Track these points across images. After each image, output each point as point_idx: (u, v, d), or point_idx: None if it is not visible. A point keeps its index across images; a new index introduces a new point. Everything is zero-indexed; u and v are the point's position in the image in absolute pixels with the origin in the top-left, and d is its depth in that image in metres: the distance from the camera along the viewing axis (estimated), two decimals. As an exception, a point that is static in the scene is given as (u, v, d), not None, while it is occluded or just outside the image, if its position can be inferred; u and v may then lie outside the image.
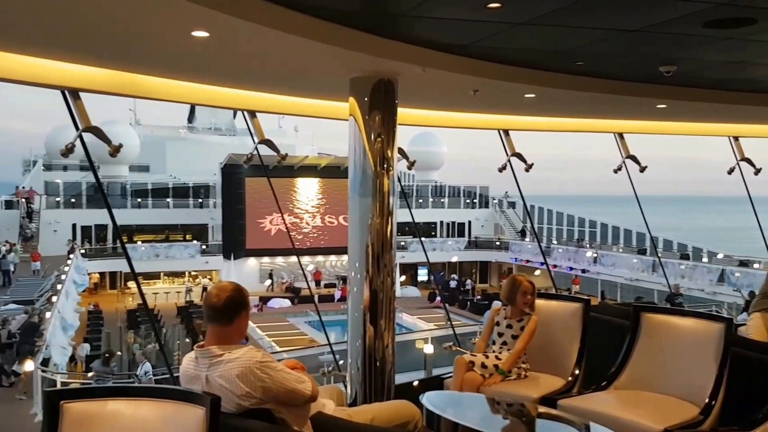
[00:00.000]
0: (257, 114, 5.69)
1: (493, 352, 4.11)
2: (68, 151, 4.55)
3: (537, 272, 35.31)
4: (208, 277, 39.41)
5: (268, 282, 37.54)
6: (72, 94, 4.60)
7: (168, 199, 40.98)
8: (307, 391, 2.78)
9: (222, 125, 50.07)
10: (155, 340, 22.83)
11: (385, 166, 4.43)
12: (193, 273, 39.20)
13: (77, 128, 4.64)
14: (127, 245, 37.08)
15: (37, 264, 31.40)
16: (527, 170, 6.94)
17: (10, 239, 34.25)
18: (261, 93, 5.24)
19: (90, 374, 13.72)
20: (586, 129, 7.26)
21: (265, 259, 38.83)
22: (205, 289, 36.51)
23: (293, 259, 38.67)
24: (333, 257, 39.31)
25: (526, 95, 5.17)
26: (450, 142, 54.90)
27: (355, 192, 4.48)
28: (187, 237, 40.72)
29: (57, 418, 2.43)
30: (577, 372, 3.88)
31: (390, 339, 4.46)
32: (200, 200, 42.02)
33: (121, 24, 3.35)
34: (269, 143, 5.60)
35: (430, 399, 3.30)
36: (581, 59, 4.45)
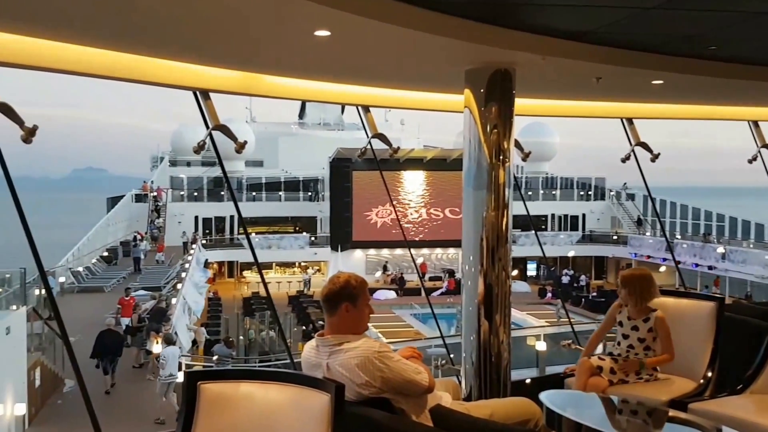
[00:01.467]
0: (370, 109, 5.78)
1: (619, 355, 3.87)
2: (200, 148, 4.81)
3: (662, 269, 33.63)
4: (317, 267, 40.64)
5: (379, 273, 38.11)
6: (203, 95, 4.86)
7: (280, 193, 42.67)
8: (424, 382, 2.80)
9: (331, 120, 51.43)
10: (269, 327, 23.91)
11: (501, 157, 4.37)
12: (302, 264, 40.57)
13: (207, 127, 4.90)
14: (241, 236, 39.14)
15: (161, 255, 33.62)
16: (653, 160, 6.54)
17: (140, 230, 37.19)
18: (374, 88, 5.32)
19: (215, 358, 14.52)
20: (717, 117, 6.80)
21: (371, 251, 39.50)
22: (308, 280, 37.83)
23: (398, 251, 39.15)
24: (438, 250, 39.34)
25: (654, 81, 4.92)
26: (562, 132, 53.09)
27: (469, 185, 4.45)
28: (297, 229, 42.16)
29: (195, 397, 2.58)
30: (709, 374, 3.66)
31: (505, 335, 4.41)
32: (310, 193, 43.39)
33: (249, 28, 3.50)
34: (382, 137, 5.69)
35: (550, 397, 3.23)
36: (714, 43, 4.18)
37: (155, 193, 41.71)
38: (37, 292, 19.88)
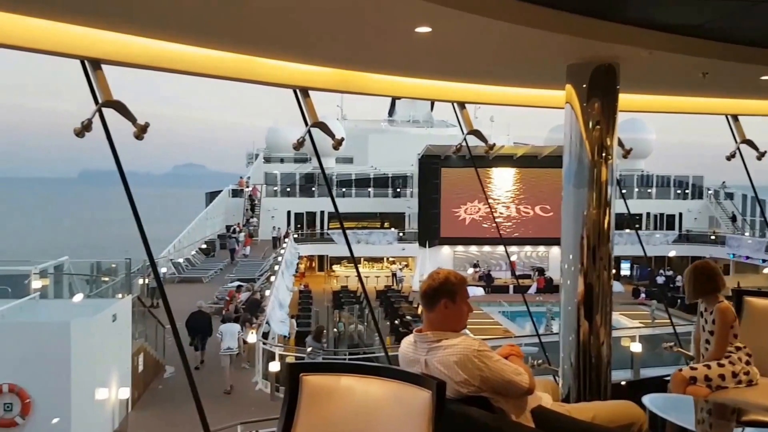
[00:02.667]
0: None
1: (707, 350, 3.65)
2: (299, 144, 4.92)
3: (766, 270, 31.63)
4: (405, 263, 40.92)
5: (472, 270, 37.99)
6: (302, 93, 4.97)
7: (369, 189, 43.26)
8: (525, 383, 2.73)
9: (420, 117, 51.60)
10: (358, 320, 24.27)
11: (604, 155, 4.24)
12: (390, 259, 40.94)
13: (306, 124, 5.01)
14: (331, 231, 40.01)
15: (247, 249, 34.93)
16: (759, 158, 6.19)
17: (238, 222, 38.99)
18: (471, 84, 5.27)
19: (309, 349, 14.89)
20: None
21: (459, 248, 39.35)
22: (394, 275, 38.16)
23: (486, 248, 38.85)
24: (528, 248, 38.69)
25: (762, 77, 4.63)
26: (658, 129, 50.74)
27: (570, 182, 4.34)
28: (385, 225, 42.57)
29: (297, 388, 2.60)
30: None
31: (606, 336, 4.27)
32: (398, 190, 43.71)
33: (351, 26, 3.55)
34: (477, 134, 5.63)
35: (653, 401, 3.10)
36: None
37: (250, 189, 43.37)
38: (140, 281, 21.11)
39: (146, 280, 21.25)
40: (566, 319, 4.35)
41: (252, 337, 16.49)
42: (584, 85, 4.22)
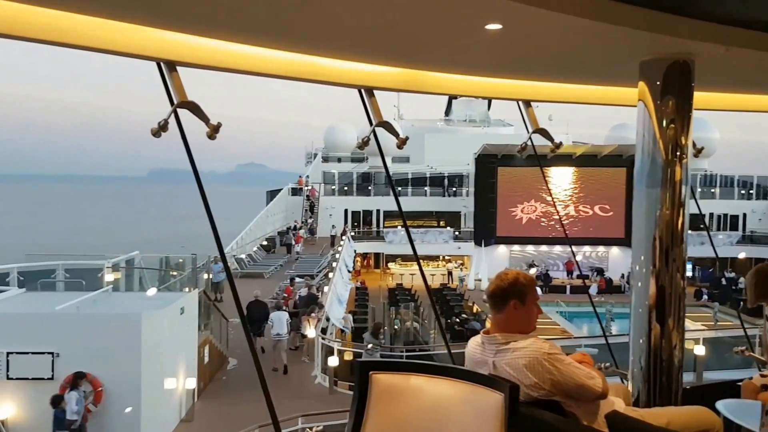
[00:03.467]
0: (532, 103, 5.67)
1: None
2: (364, 144, 4.96)
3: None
4: (460, 262, 40.82)
5: (533, 270, 37.71)
6: (367, 93, 5.01)
7: (425, 188, 43.40)
8: (598, 387, 2.68)
9: (476, 117, 51.39)
10: (414, 317, 24.30)
11: (678, 154, 4.12)
12: (446, 257, 40.89)
13: (371, 124, 5.06)
14: (387, 229, 40.29)
15: (298, 246, 35.52)
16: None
17: (296, 220, 39.72)
18: (538, 82, 5.21)
19: (369, 346, 15.04)
20: None
21: (515, 247, 39.07)
22: (450, 273, 38.07)
23: (543, 247, 38.44)
24: (587, 248, 38.01)
25: (843, 72, 4.41)
26: (722, 127, 49.22)
27: (642, 182, 4.23)
28: (441, 223, 42.57)
29: (367, 386, 2.61)
30: None
31: (678, 339, 4.16)
32: (454, 189, 43.72)
33: (419, 24, 3.56)
34: (544, 132, 5.55)
35: (727, 407, 3.01)
36: None
37: (309, 188, 44.16)
38: (205, 276, 21.70)
39: (210, 275, 21.83)
40: (637, 321, 4.26)
41: (311, 332, 16.76)
42: (658, 83, 4.12)
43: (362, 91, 5.10)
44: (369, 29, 3.73)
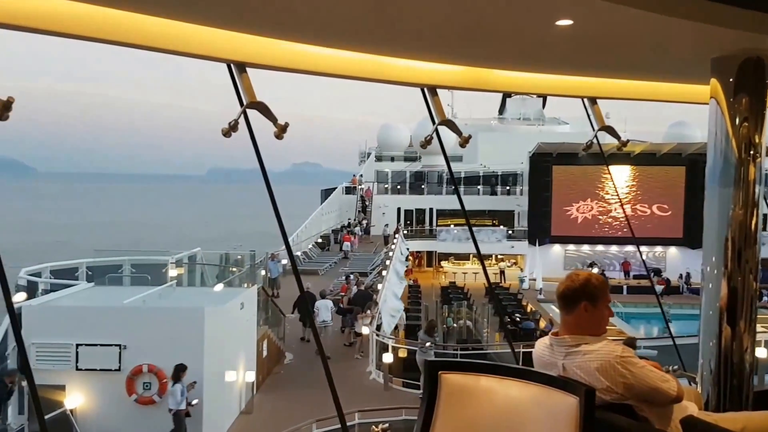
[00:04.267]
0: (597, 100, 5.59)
1: None
2: (426, 143, 4.99)
3: None
4: (513, 261, 40.46)
5: (596, 270, 37.10)
6: (430, 92, 5.04)
7: (478, 186, 43.22)
8: (672, 391, 2.62)
9: (531, 115, 50.78)
10: (466, 316, 24.24)
11: (751, 152, 4.01)
12: (498, 256, 40.59)
13: (433, 122, 5.09)
14: (440, 228, 40.28)
15: (347, 244, 35.85)
16: None
17: (350, 218, 40.19)
18: (604, 79, 5.14)
19: (428, 344, 15.10)
20: None
21: (570, 246, 38.49)
22: (502, 272, 37.72)
23: (599, 247, 37.77)
24: (644, 248, 37.13)
25: None
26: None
27: (714, 181, 4.13)
28: (494, 222, 42.29)
29: (436, 386, 2.61)
30: None
31: (750, 343, 4.04)
32: (508, 187, 43.39)
33: (487, 22, 3.57)
34: (610, 130, 5.47)
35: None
36: None
37: (363, 189, 44.61)
38: (262, 272, 22.18)
39: (267, 272, 22.31)
40: (707, 323, 4.16)
41: (365, 329, 16.91)
42: (731, 79, 4.01)
43: (425, 89, 5.13)
44: (435, 27, 3.76)
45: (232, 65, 4.23)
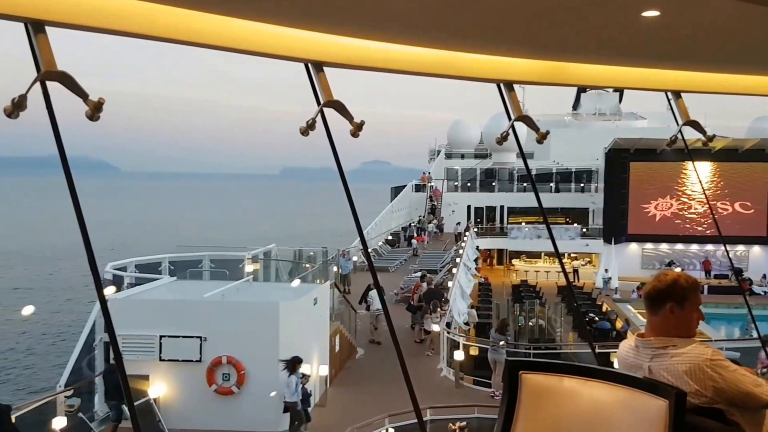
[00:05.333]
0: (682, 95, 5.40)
1: None
2: (502, 139, 4.94)
3: None
4: (587, 259, 39.53)
5: (678, 269, 35.97)
6: (506, 86, 5.00)
7: (551, 184, 42.41)
8: (765, 396, 2.50)
9: (607, 110, 49.43)
10: (538, 315, 23.84)
11: None
12: (572, 255, 39.72)
13: (509, 118, 5.04)
14: (511, 225, 39.78)
15: (418, 243, 35.86)
16: None
17: (421, 215, 40.38)
18: (689, 72, 4.96)
19: (501, 343, 14.99)
20: None
21: (648, 245, 37.35)
22: (576, 271, 36.85)
23: (678, 246, 36.54)
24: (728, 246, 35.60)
25: None
26: None
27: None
28: (567, 220, 41.43)
29: (516, 385, 2.56)
30: None
31: None
32: (582, 185, 42.41)
33: (567, 14, 3.51)
34: (695, 124, 5.25)
35: None
36: None
37: (432, 185, 44.59)
38: (334, 269, 22.54)
39: (339, 268, 22.65)
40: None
41: (435, 326, 16.91)
42: (825, 70, 3.81)
43: (501, 85, 5.09)
44: (513, 21, 3.73)
45: (309, 65, 4.32)
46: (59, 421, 10.46)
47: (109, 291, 13.72)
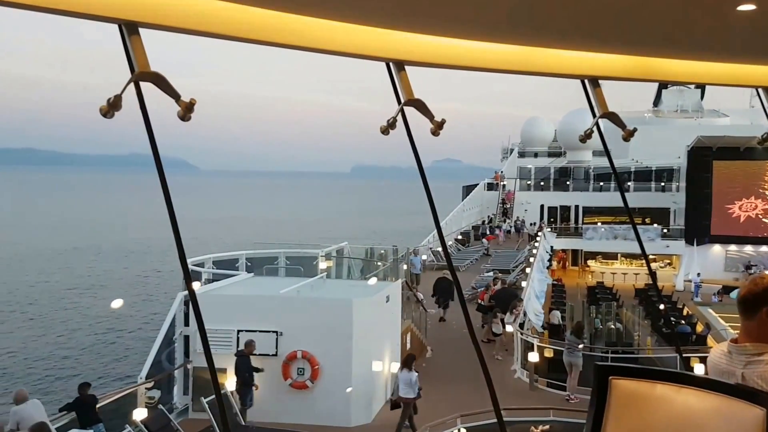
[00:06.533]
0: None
1: None
2: (586, 137, 4.81)
3: None
4: (667, 261, 38.16)
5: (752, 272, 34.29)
6: (591, 83, 4.87)
7: (629, 183, 41.19)
8: None
9: (689, 106, 47.45)
10: (615, 317, 23.14)
11: None
12: (651, 256, 38.41)
13: (594, 115, 4.91)
14: (587, 226, 38.77)
15: (488, 243, 35.43)
16: None
17: (493, 213, 40.03)
18: (780, 65, 4.69)
19: (580, 346, 14.66)
20: None
21: (732, 247, 35.72)
22: (654, 273, 35.54)
23: (765, 248, 34.73)
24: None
25: None
26: None
27: None
28: (646, 220, 40.08)
29: (606, 391, 2.51)
30: None
31: None
32: (662, 184, 40.97)
33: (658, 7, 3.40)
34: (793, 120, 4.98)
35: None
36: None
37: (504, 184, 44.03)
38: (404, 267, 22.60)
39: (409, 267, 22.68)
40: None
41: (509, 328, 16.68)
42: None
43: (586, 81, 4.97)
44: (604, 15, 3.64)
45: (390, 64, 4.34)
46: (140, 413, 10.91)
47: (194, 286, 14.11)
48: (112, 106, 2.52)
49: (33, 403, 9.69)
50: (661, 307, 23.82)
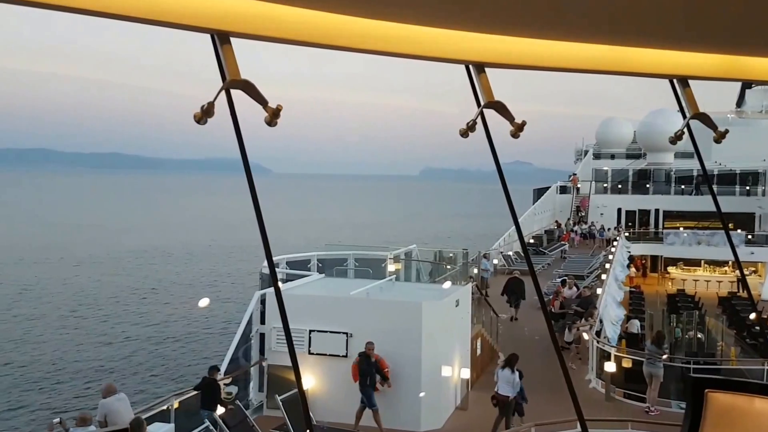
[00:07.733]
0: None
1: None
2: (677, 138, 4.63)
3: None
4: (753, 268, 36.26)
5: None
6: (681, 83, 4.68)
7: (712, 186, 39.49)
8: None
9: (775, 107, 45.02)
10: (697, 327, 22.12)
11: None
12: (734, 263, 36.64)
13: (684, 116, 4.71)
14: (668, 231, 37.33)
15: (564, 243, 34.60)
16: None
17: (562, 220, 39.03)
18: None
19: (664, 357, 14.10)
20: None
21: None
22: (739, 281, 33.86)
23: None
24: None
25: None
26: None
27: None
28: (730, 225, 38.26)
29: (701, 405, 2.47)
30: None
31: None
32: (746, 187, 39.11)
33: (759, 1, 3.22)
34: None
35: None
36: None
37: (579, 186, 42.91)
38: (474, 270, 22.36)
39: (478, 270, 22.43)
40: None
41: (585, 335, 16.21)
42: None
43: (675, 81, 4.77)
44: (698, 11, 3.47)
45: (470, 66, 4.28)
46: (218, 408, 11.25)
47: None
48: (206, 113, 2.59)
49: (119, 397, 10.12)
50: (752, 315, 22.64)
